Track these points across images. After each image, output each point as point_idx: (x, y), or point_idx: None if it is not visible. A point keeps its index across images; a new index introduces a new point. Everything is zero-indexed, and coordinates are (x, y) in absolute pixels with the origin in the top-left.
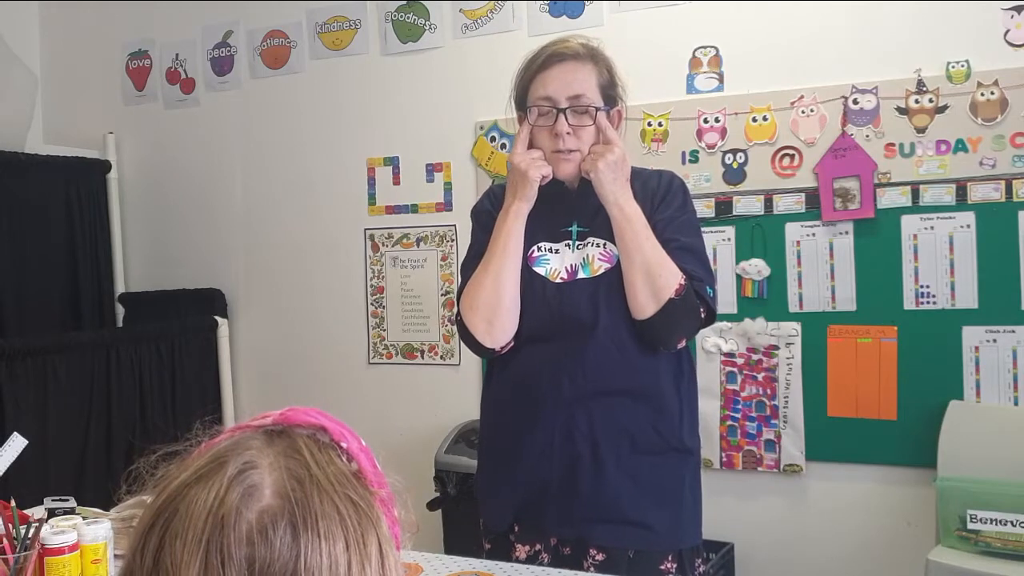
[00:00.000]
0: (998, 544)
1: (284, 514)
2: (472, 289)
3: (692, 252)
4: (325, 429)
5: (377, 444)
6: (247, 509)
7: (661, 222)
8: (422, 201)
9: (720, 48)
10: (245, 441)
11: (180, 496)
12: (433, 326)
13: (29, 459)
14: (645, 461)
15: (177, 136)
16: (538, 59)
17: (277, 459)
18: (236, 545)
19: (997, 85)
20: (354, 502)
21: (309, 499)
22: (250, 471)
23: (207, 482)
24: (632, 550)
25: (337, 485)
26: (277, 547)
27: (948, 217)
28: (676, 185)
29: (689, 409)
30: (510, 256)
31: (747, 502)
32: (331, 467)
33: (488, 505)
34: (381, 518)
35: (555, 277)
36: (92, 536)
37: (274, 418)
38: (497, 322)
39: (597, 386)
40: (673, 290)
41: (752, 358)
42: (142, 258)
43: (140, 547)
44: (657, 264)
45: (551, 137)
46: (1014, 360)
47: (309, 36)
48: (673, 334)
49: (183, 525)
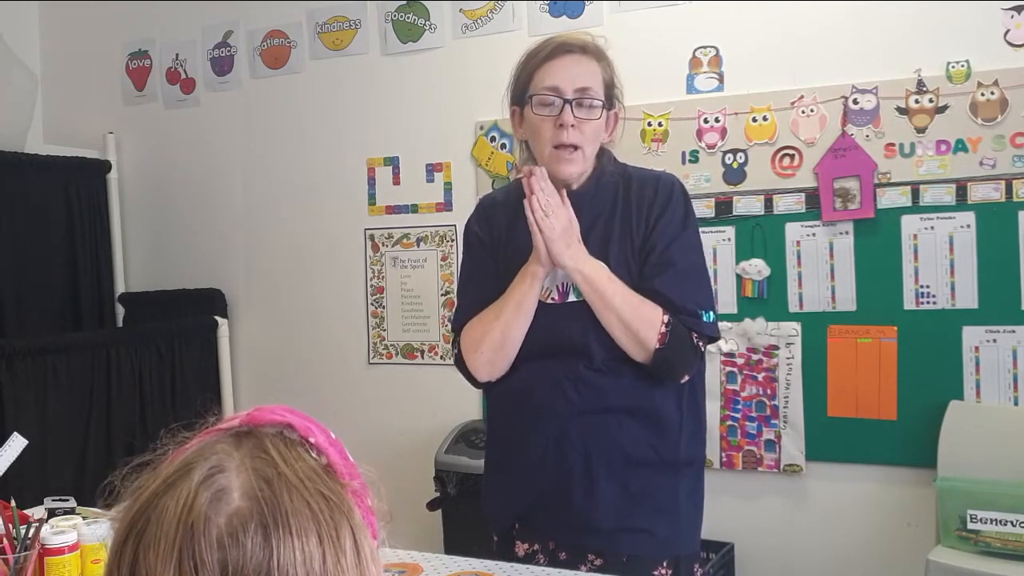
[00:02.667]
0: (998, 544)
1: (253, 515)
2: (477, 334)
3: (690, 275)
4: (292, 426)
5: (377, 444)
6: (216, 514)
7: (660, 243)
8: (422, 201)
9: (720, 48)
10: (212, 445)
11: (151, 506)
12: (433, 326)
13: (29, 459)
14: (639, 473)
15: (177, 136)
16: (544, 49)
17: (244, 460)
18: (208, 551)
19: (997, 85)
20: (325, 496)
21: (278, 498)
22: (217, 475)
23: (176, 490)
24: (626, 555)
25: (307, 481)
26: (249, 548)
27: (948, 217)
28: (676, 194)
29: (691, 421)
30: (523, 316)
31: (747, 502)
32: (299, 463)
33: (489, 505)
34: (354, 509)
35: (547, 297)
36: (92, 536)
37: (241, 419)
38: (499, 364)
39: (591, 404)
40: (655, 341)
41: (752, 358)
42: (142, 258)
43: (116, 561)
44: (633, 319)
45: (554, 129)
46: (1014, 360)
47: (309, 36)
48: (669, 376)
49: (155, 535)
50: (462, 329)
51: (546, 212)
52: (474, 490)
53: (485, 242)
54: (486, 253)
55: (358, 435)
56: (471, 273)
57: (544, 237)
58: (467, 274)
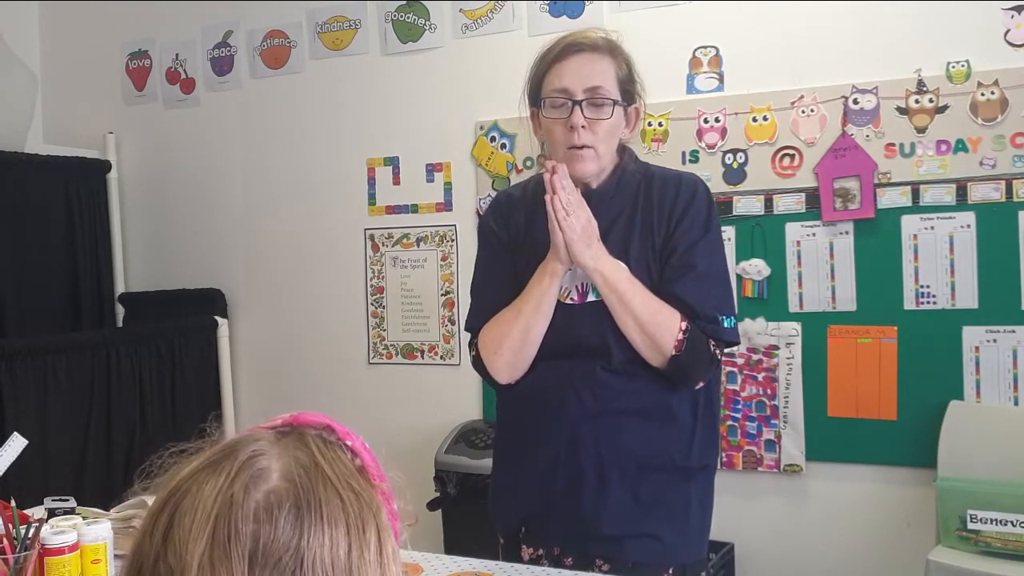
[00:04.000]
0: (998, 544)
1: (289, 496)
2: (497, 335)
3: (711, 279)
4: (332, 429)
5: (377, 444)
6: (255, 489)
7: (681, 245)
8: (422, 201)
9: (720, 48)
10: (256, 434)
11: (192, 479)
12: (433, 326)
13: (29, 459)
14: (651, 479)
15: (177, 136)
16: (554, 50)
17: (286, 450)
18: (243, 522)
19: (997, 85)
20: (356, 492)
21: (313, 485)
22: (259, 457)
23: (218, 467)
24: (632, 561)
25: (341, 476)
26: (281, 526)
27: (948, 217)
28: (700, 195)
29: (705, 426)
30: (542, 314)
31: (747, 502)
32: (336, 461)
33: (497, 507)
34: (381, 509)
35: (566, 297)
36: (92, 536)
37: (284, 420)
38: (519, 365)
39: (605, 406)
40: (672, 347)
41: (752, 358)
42: (142, 258)
43: (150, 528)
44: (651, 324)
45: (565, 131)
46: (1014, 360)
47: (309, 36)
48: (684, 382)
49: (192, 504)
50: (479, 330)
51: (568, 211)
52: (474, 490)
53: (503, 239)
54: (503, 250)
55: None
56: (488, 271)
57: (565, 236)
58: (483, 272)
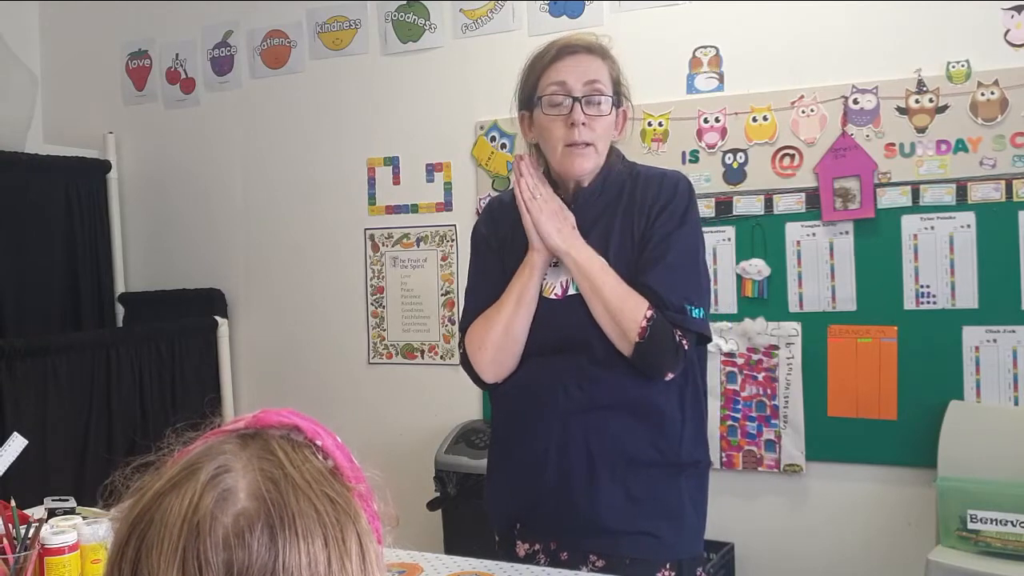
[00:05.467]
0: (998, 544)
1: (260, 516)
2: (481, 331)
3: (680, 269)
4: (299, 428)
5: (377, 444)
6: (222, 513)
7: (656, 237)
8: (422, 201)
9: (720, 48)
10: (218, 446)
11: (155, 505)
12: (433, 326)
13: (29, 459)
14: (642, 475)
15: (177, 136)
16: (549, 51)
17: (251, 461)
18: (213, 551)
19: (997, 85)
20: (331, 499)
21: (285, 499)
22: (224, 475)
23: (180, 489)
24: (628, 557)
25: (313, 483)
26: (255, 549)
27: (948, 217)
28: (680, 190)
29: (694, 421)
30: (524, 308)
31: (747, 502)
32: (306, 465)
33: (491, 504)
34: (360, 513)
35: (549, 293)
36: (92, 536)
37: (247, 421)
38: (504, 361)
39: (593, 401)
40: (636, 333)
41: (752, 358)
42: (142, 258)
43: (117, 560)
44: (618, 310)
45: (565, 128)
46: (1014, 360)
47: (309, 36)
48: (651, 372)
49: (158, 535)
50: (467, 330)
51: (534, 194)
52: (474, 490)
53: (492, 244)
54: (493, 255)
55: (358, 435)
56: (478, 275)
57: (532, 217)
58: (474, 277)
